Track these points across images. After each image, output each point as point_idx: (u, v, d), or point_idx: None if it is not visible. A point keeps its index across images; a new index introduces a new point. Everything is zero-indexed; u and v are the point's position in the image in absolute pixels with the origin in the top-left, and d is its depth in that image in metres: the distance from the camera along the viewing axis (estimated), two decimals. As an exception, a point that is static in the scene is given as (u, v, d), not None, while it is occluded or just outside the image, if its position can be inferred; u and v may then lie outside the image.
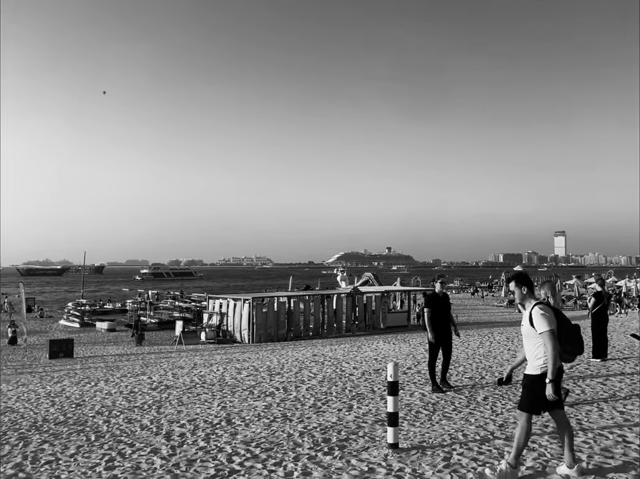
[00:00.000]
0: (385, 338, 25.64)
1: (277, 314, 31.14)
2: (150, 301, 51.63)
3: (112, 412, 10.54)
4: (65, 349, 25.68)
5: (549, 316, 6.03)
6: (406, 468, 6.63)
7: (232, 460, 7.21)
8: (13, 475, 7.01)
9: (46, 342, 28.30)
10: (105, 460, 7.48)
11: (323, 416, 9.36)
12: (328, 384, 12.42)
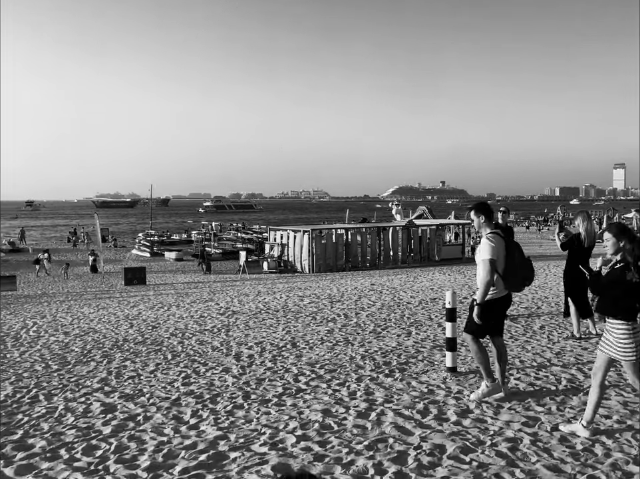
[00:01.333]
0: (440, 270, 25.63)
1: (335, 245, 31.38)
2: (213, 232, 52.70)
3: (185, 334, 11.00)
4: (138, 277, 26.64)
5: (493, 246, 6.16)
6: (464, 391, 6.76)
7: (298, 380, 7.49)
8: (100, 388, 7.47)
9: (121, 270, 29.44)
10: (182, 377, 7.88)
11: (383, 341, 9.55)
12: (387, 311, 12.59)
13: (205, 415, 6.28)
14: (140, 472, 4.90)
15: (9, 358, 9.44)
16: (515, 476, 4.56)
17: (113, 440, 5.62)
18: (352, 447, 5.24)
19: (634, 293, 5.13)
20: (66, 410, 6.63)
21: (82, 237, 56.94)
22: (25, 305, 18.42)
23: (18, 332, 12.03)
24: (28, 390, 7.50)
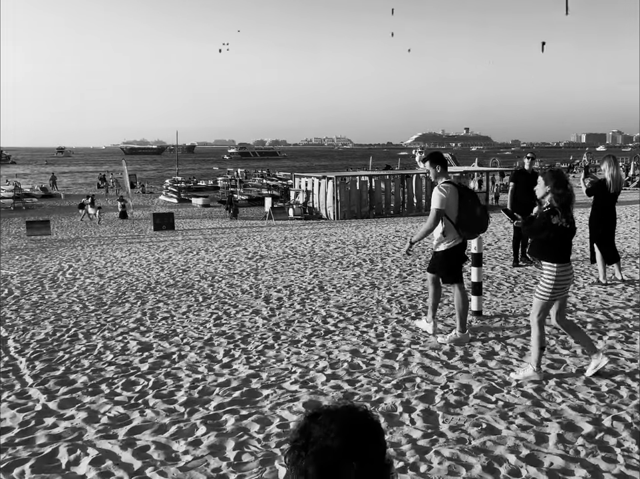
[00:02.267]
0: (464, 217, 25.44)
1: (359, 192, 31.24)
2: (239, 179, 52.75)
3: (215, 278, 11.15)
4: (167, 222, 26.89)
5: (444, 197, 6.32)
6: (489, 333, 6.81)
7: (327, 322, 7.59)
8: (135, 328, 7.65)
9: (150, 216, 29.72)
10: (213, 318, 8.03)
11: (409, 285, 9.59)
12: (412, 257, 12.60)
13: (237, 354, 6.42)
14: (178, 407, 5.06)
15: (48, 299, 9.69)
16: (540, 416, 4.63)
17: (150, 377, 5.79)
18: (381, 386, 5.34)
19: (561, 237, 5.33)
20: (105, 348, 6.82)
21: (111, 183, 57.38)
22: (60, 249, 18.78)
23: (55, 275, 12.30)
24: (67, 329, 7.71)
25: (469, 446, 4.20)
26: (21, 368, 6.16)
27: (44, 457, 4.19)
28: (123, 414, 4.91)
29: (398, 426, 4.56)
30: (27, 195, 44.38)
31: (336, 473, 1.43)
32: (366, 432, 1.49)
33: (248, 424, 4.68)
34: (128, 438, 4.47)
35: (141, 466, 4.04)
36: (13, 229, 28.39)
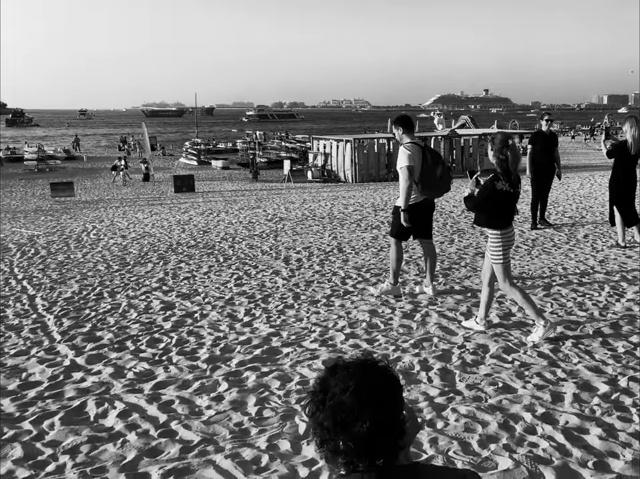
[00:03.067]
0: (483, 179, 25.20)
1: (377, 155, 30.99)
2: (258, 141, 52.50)
3: (235, 239, 11.20)
4: (187, 184, 26.90)
5: (409, 154, 6.48)
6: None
7: (345, 282, 7.62)
8: (158, 287, 7.75)
9: (170, 178, 29.76)
10: (234, 278, 8.10)
11: (426, 248, 9.56)
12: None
13: (258, 314, 6.49)
14: (200, 363, 5.15)
15: (73, 259, 9.82)
16: (556, 376, 4.64)
17: (174, 335, 5.89)
18: (399, 345, 5.39)
19: (505, 202, 5.42)
20: (129, 306, 6.93)
21: (132, 145, 57.43)
22: (84, 210, 18.93)
23: (80, 235, 12.44)
24: (93, 288, 7.83)
25: (485, 404, 4.24)
26: (49, 325, 6.29)
27: (72, 410, 4.31)
28: (148, 370, 5.01)
29: (416, 383, 4.61)
30: (50, 157, 44.59)
31: (351, 427, 1.45)
32: (383, 388, 1.50)
33: (269, 380, 4.76)
34: (153, 393, 4.57)
35: (166, 419, 4.14)
36: (38, 190, 28.64)
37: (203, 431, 3.97)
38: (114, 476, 3.45)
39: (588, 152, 44.21)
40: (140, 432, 3.95)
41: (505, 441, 3.74)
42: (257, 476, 3.42)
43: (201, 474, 3.45)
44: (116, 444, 3.81)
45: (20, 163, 43.35)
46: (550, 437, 3.76)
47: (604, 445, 3.65)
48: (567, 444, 3.67)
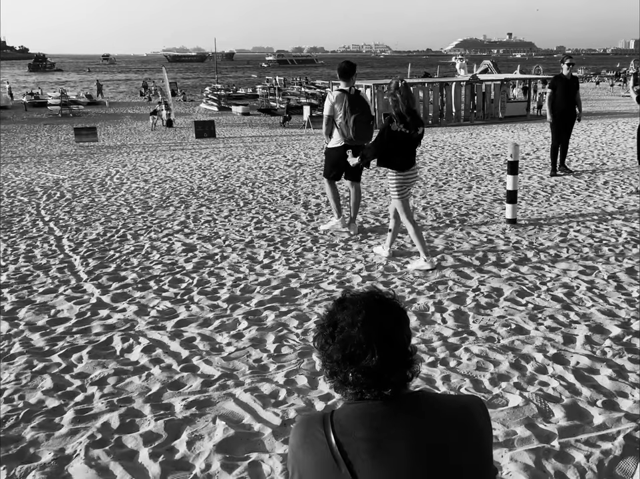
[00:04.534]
0: (504, 127, 24.74)
1: (398, 101, 30.49)
2: (277, 87, 51.80)
3: (255, 184, 11.20)
4: (208, 130, 26.78)
5: (330, 104, 6.93)
6: (523, 240, 6.77)
7: (363, 227, 7.63)
8: (180, 230, 7.82)
9: (191, 124, 29.64)
10: (254, 222, 8.14)
11: (444, 194, 9.51)
12: (448, 166, 12.42)
13: (277, 256, 6.55)
14: (221, 303, 5.24)
15: (98, 202, 9.92)
16: (569, 318, 4.67)
17: (195, 275, 5.98)
18: (414, 287, 5.43)
19: (402, 143, 5.69)
20: (152, 248, 7.02)
21: (153, 91, 56.97)
22: (107, 155, 18.98)
23: (103, 179, 12.52)
24: (116, 230, 7.93)
25: (497, 344, 4.28)
26: (76, 265, 6.41)
27: (99, 344, 4.44)
28: (170, 309, 5.12)
29: (430, 324, 4.66)
30: (73, 103, 44.48)
31: (360, 360, 1.48)
32: (390, 321, 1.52)
33: (287, 319, 4.84)
34: (175, 330, 4.68)
35: (188, 355, 4.25)
36: (62, 135, 28.72)
37: (223, 366, 4.08)
38: (139, 406, 3.58)
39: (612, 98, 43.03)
40: (163, 367, 4.07)
41: (516, 379, 3.79)
42: (275, 409, 3.53)
43: (222, 406, 3.56)
44: (141, 376, 3.93)
45: (43, 108, 43.37)
46: (560, 377, 3.81)
47: (613, 385, 3.69)
48: (577, 383, 3.72)
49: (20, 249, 7.08)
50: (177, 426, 3.36)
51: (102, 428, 3.34)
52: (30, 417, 3.45)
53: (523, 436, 3.22)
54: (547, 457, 3.04)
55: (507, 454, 3.09)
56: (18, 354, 4.27)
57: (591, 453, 3.05)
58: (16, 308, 5.17)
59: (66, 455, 3.10)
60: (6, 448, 3.13)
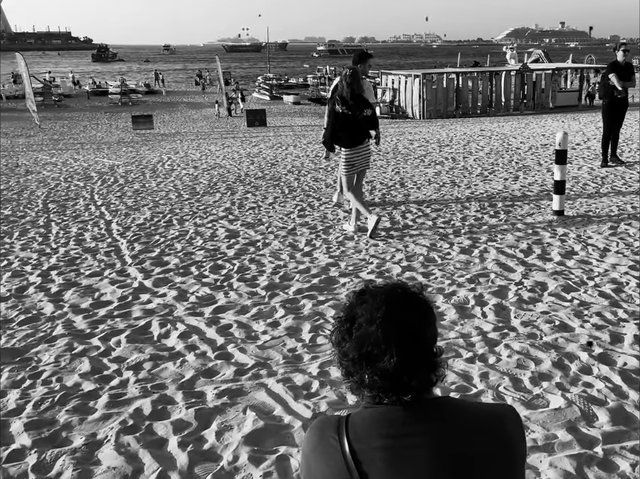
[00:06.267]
0: (554, 117, 23.89)
1: (445, 91, 29.79)
2: (328, 77, 51.44)
3: (301, 172, 11.06)
4: (259, 119, 26.80)
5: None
6: (570, 233, 6.43)
7: (405, 217, 7.40)
8: (224, 216, 7.74)
9: (243, 113, 29.72)
10: (297, 210, 8.00)
11: (489, 184, 9.16)
12: (495, 156, 12.01)
13: (318, 244, 6.39)
14: (259, 290, 5.12)
15: (148, 188, 9.95)
16: (617, 316, 4.36)
17: (236, 262, 5.88)
18: (455, 279, 5.19)
19: (345, 122, 6.32)
20: (196, 233, 6.96)
21: (207, 80, 57.44)
22: (161, 142, 19.17)
23: (155, 166, 12.60)
24: (163, 215, 7.92)
25: (540, 341, 4.03)
26: (122, 249, 6.41)
27: (138, 329, 4.38)
28: (209, 295, 5.03)
29: (469, 318, 4.44)
30: (133, 91, 45.23)
31: (377, 361, 1.31)
32: (413, 319, 1.34)
33: (324, 309, 4.69)
34: (213, 316, 4.59)
35: (223, 342, 4.14)
36: (121, 123, 29.24)
37: (257, 355, 3.96)
38: (172, 393, 3.49)
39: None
40: (198, 353, 3.98)
41: (558, 379, 3.55)
42: (306, 401, 3.38)
43: (253, 396, 3.44)
44: (175, 363, 3.85)
45: (105, 97, 44.26)
46: (606, 378, 3.54)
47: (663, 389, 3.40)
48: (624, 385, 3.45)
49: (72, 232, 7.14)
50: (208, 415, 3.25)
51: (134, 414, 3.26)
52: (66, 400, 3.40)
53: (564, 441, 2.99)
54: (589, 464, 2.81)
55: (547, 459, 2.87)
56: (60, 336, 4.25)
57: (637, 462, 2.81)
58: (63, 290, 5.17)
59: (97, 440, 3.04)
60: (39, 431, 3.09)
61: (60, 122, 30.39)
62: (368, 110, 6.38)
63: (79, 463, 2.85)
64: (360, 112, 6.30)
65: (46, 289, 5.19)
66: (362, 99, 6.41)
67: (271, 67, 63.91)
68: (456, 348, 3.97)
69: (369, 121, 6.45)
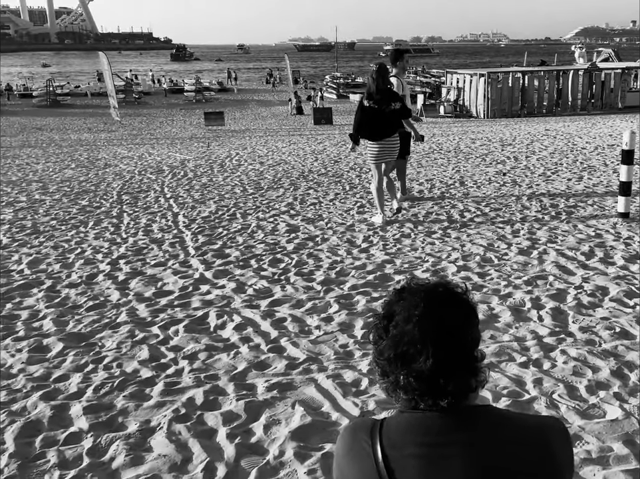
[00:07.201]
0: (622, 117, 22.73)
1: (511, 90, 28.84)
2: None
3: (363, 169, 10.94)
4: (326, 117, 26.72)
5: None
6: (635, 237, 6.04)
7: (464, 216, 7.17)
8: (286, 211, 7.72)
9: (310, 111, 29.74)
10: (357, 206, 7.89)
11: (552, 184, 8.77)
12: (559, 156, 11.50)
13: (375, 241, 6.27)
14: (315, 285, 5.05)
15: (215, 182, 10.07)
16: (683, 326, 4.05)
17: (294, 256, 5.83)
18: (511, 281, 4.96)
19: (372, 116, 6.45)
20: (258, 227, 6.97)
21: (277, 79, 57.87)
22: (231, 139, 19.43)
23: (224, 161, 12.75)
24: (228, 208, 7.97)
25: (598, 348, 3.78)
26: (186, 241, 6.47)
27: (196, 319, 4.39)
28: (266, 288, 5.00)
29: (525, 321, 4.22)
30: (206, 89, 46.07)
31: (412, 362, 1.19)
32: (452, 320, 1.21)
33: (378, 305, 4.56)
34: (268, 309, 4.55)
35: (277, 336, 4.09)
36: (194, 119, 29.82)
37: (309, 350, 3.88)
38: (224, 384, 3.46)
39: None
40: (251, 346, 3.94)
41: (616, 389, 3.31)
42: (355, 399, 3.29)
43: (303, 391, 3.37)
44: (229, 354, 3.83)
45: (180, 95, 45.29)
46: (668, 391, 3.27)
47: None
48: (688, 400, 3.18)
49: (141, 223, 7.28)
50: (257, 407, 3.20)
51: (187, 403, 3.25)
52: (124, 386, 3.43)
53: (621, 454, 2.77)
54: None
55: (601, 473, 2.67)
56: (123, 323, 4.31)
57: (699, 482, 2.56)
58: (129, 278, 5.26)
59: (150, 427, 3.04)
60: (97, 415, 3.12)
61: (139, 118, 31.30)
62: (396, 104, 6.49)
63: (132, 449, 2.85)
64: (387, 105, 6.43)
65: (113, 277, 5.29)
66: (391, 93, 6.56)
67: (339, 66, 63.70)
68: (510, 352, 3.77)
69: (399, 114, 6.57)
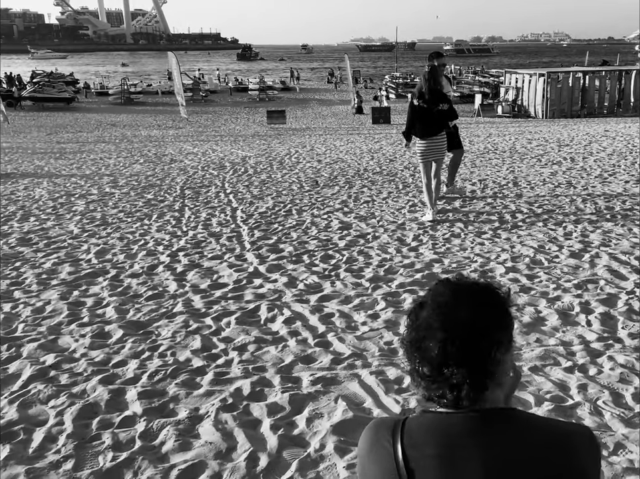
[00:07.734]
0: (687, 117, 21.51)
1: (571, 90, 27.79)
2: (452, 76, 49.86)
3: (417, 168, 10.74)
4: (384, 116, 26.48)
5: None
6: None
7: (515, 217, 6.96)
8: (340, 208, 7.69)
9: (369, 110, 29.55)
10: (409, 205, 7.78)
11: (608, 187, 8.39)
12: (618, 157, 10.99)
13: (425, 240, 6.17)
14: (364, 282, 5.02)
15: (273, 179, 10.15)
16: None
17: (345, 253, 5.81)
18: (560, 284, 4.77)
19: (421, 115, 6.61)
20: (312, 223, 6.98)
21: (338, 78, 57.73)
22: (291, 137, 19.55)
23: (283, 158, 12.84)
24: (284, 205, 8.02)
25: (648, 357, 3.59)
26: (243, 235, 6.56)
27: (247, 312, 4.44)
28: (317, 283, 5.00)
29: (573, 325, 4.05)
30: (269, 88, 46.50)
31: (422, 345, 1.15)
32: (478, 314, 1.15)
33: (424, 305, 4.48)
34: (317, 304, 4.55)
35: (324, 330, 4.09)
36: (257, 117, 30.18)
37: (355, 345, 3.86)
38: (270, 376, 3.48)
39: None
40: (299, 340, 3.95)
41: (665, 400, 3.13)
42: (396, 396, 3.24)
43: (346, 386, 3.35)
44: (277, 347, 3.85)
45: (245, 93, 45.92)
46: None
47: None
48: None
49: (201, 217, 7.42)
50: (301, 400, 3.21)
51: (234, 393, 3.29)
52: (177, 374, 3.50)
53: (666, 467, 2.62)
54: (692, 498, 2.44)
55: (644, 485, 2.53)
56: (179, 313, 4.41)
57: None
58: (187, 270, 5.37)
59: (199, 414, 3.09)
60: (150, 401, 3.20)
61: (205, 115, 31.95)
62: (444, 105, 6.65)
63: (181, 434, 2.91)
64: (436, 105, 6.57)
65: (172, 269, 5.42)
66: (440, 94, 6.69)
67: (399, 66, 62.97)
68: (555, 356, 3.63)
69: (445, 115, 6.70)
